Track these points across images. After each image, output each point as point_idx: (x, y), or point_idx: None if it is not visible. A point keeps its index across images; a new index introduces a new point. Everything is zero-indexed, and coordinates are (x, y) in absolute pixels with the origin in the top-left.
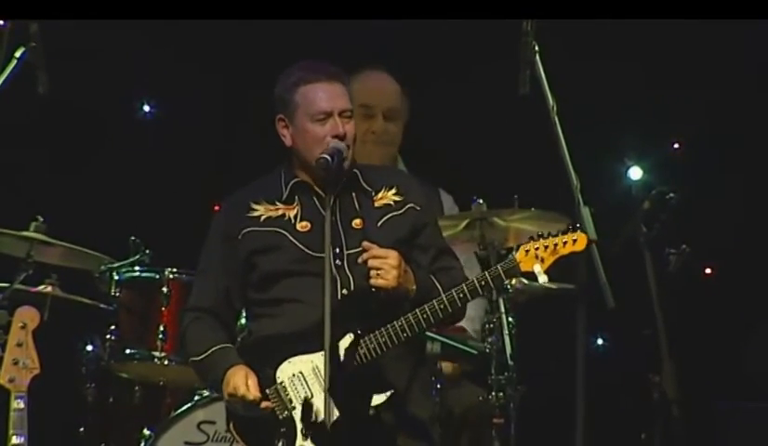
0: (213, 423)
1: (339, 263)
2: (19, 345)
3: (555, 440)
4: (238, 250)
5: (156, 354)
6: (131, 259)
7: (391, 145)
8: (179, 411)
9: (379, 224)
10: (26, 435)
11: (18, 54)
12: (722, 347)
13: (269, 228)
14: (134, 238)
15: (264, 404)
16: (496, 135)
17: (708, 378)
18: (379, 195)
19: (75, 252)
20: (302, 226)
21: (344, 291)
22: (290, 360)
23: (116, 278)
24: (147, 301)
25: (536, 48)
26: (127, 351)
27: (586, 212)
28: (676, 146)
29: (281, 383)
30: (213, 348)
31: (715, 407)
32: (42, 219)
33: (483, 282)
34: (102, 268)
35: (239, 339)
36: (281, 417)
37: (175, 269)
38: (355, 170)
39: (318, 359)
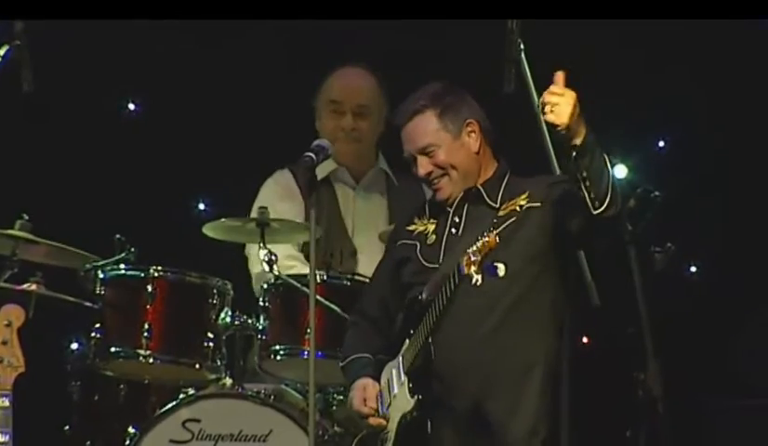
0: (198, 421)
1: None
2: (4, 343)
3: None
4: (392, 259)
5: (141, 352)
6: (116, 257)
7: (361, 142)
8: (164, 409)
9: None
10: (11, 433)
11: (2, 52)
12: (708, 345)
13: (409, 241)
14: (119, 236)
15: (373, 420)
16: None
17: (694, 375)
18: (511, 203)
19: (60, 250)
20: (431, 240)
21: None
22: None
23: (101, 276)
24: (132, 299)
25: (521, 46)
26: (112, 349)
27: None
28: (661, 144)
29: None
30: (352, 357)
31: (700, 404)
32: (27, 217)
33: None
34: (87, 266)
35: None
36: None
37: (160, 268)
38: (478, 186)
39: (392, 365)
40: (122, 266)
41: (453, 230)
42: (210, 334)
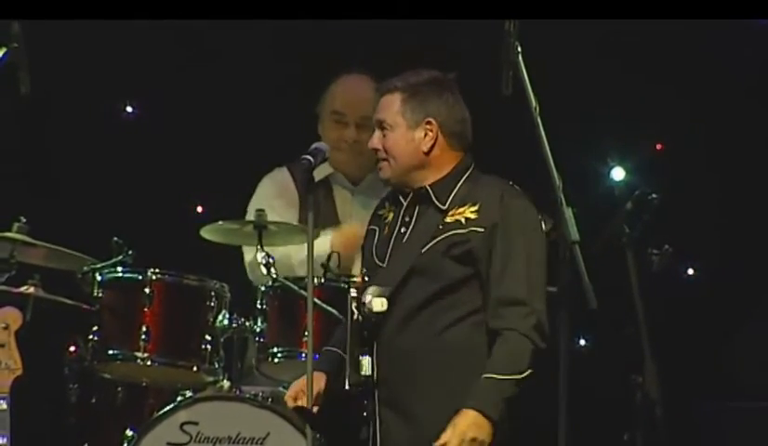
0: (196, 423)
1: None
2: (2, 346)
3: (538, 441)
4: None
5: (139, 355)
6: (114, 260)
7: (364, 154)
8: (162, 411)
9: (433, 243)
10: (9, 436)
11: None
12: (705, 347)
13: (374, 226)
14: (116, 239)
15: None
16: (479, 135)
17: (691, 379)
18: (459, 210)
19: (58, 252)
20: (385, 232)
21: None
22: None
23: (99, 278)
24: (129, 302)
25: (519, 49)
26: (110, 352)
27: (568, 212)
28: (659, 147)
29: None
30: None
31: (698, 407)
32: (24, 220)
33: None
34: (85, 268)
35: None
36: None
37: (157, 270)
38: (427, 187)
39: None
40: (119, 268)
41: (402, 229)
42: (208, 337)
